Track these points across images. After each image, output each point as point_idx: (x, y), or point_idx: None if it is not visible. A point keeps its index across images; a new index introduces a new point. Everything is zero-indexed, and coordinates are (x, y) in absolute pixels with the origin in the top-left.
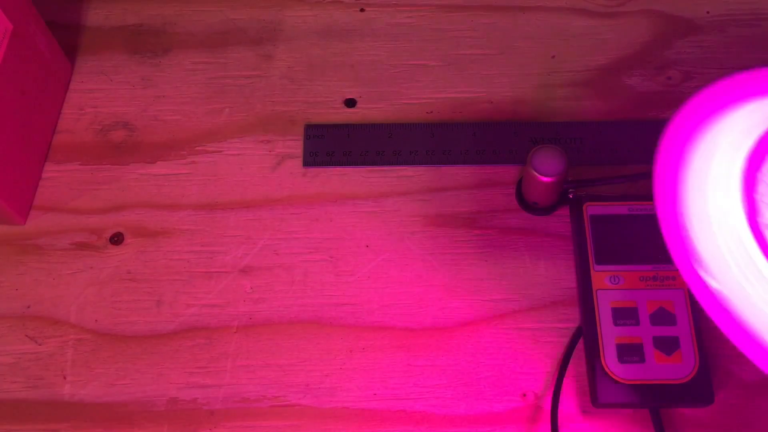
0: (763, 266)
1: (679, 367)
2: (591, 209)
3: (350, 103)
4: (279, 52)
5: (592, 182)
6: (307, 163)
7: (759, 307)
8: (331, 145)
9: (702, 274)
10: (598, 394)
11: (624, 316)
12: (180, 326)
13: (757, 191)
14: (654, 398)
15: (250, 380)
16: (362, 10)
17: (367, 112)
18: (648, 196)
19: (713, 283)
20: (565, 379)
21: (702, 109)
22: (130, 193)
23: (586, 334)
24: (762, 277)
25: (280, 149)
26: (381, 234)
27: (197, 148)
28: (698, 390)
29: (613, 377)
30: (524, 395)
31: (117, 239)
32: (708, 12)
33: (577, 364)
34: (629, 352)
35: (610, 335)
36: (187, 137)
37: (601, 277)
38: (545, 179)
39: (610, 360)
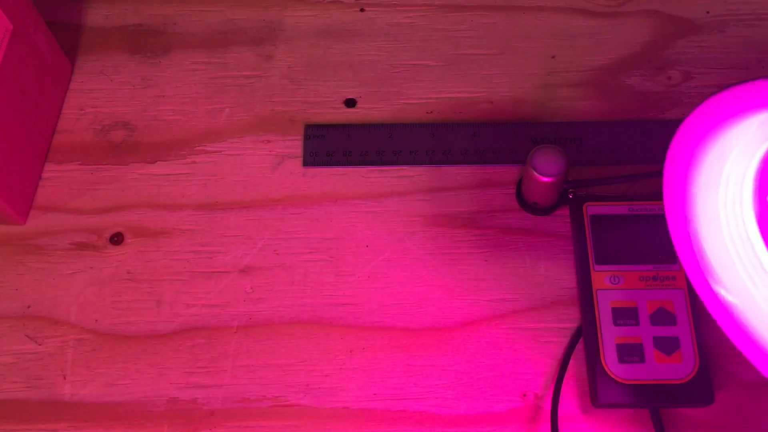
0: None
1: (679, 367)
2: (591, 209)
3: (350, 103)
4: (279, 52)
5: (592, 182)
6: (307, 163)
7: (763, 310)
8: (331, 145)
9: (708, 278)
10: (598, 394)
11: (624, 316)
12: (180, 326)
13: None
14: (654, 398)
15: (250, 380)
16: (362, 10)
17: (367, 112)
18: (648, 196)
19: (721, 291)
20: (565, 379)
21: (716, 112)
22: (130, 193)
23: (586, 334)
24: None
25: (280, 149)
26: (381, 234)
27: (197, 148)
28: (698, 390)
29: (613, 377)
30: (524, 395)
31: (117, 239)
32: (708, 12)
33: (577, 364)
34: (629, 352)
35: (610, 335)
36: (187, 137)
37: (601, 277)
38: (545, 179)
39: (610, 360)
